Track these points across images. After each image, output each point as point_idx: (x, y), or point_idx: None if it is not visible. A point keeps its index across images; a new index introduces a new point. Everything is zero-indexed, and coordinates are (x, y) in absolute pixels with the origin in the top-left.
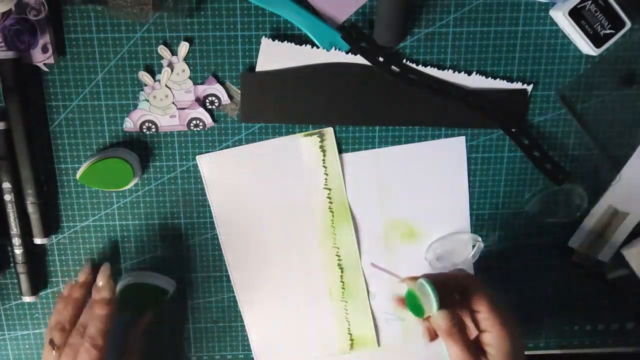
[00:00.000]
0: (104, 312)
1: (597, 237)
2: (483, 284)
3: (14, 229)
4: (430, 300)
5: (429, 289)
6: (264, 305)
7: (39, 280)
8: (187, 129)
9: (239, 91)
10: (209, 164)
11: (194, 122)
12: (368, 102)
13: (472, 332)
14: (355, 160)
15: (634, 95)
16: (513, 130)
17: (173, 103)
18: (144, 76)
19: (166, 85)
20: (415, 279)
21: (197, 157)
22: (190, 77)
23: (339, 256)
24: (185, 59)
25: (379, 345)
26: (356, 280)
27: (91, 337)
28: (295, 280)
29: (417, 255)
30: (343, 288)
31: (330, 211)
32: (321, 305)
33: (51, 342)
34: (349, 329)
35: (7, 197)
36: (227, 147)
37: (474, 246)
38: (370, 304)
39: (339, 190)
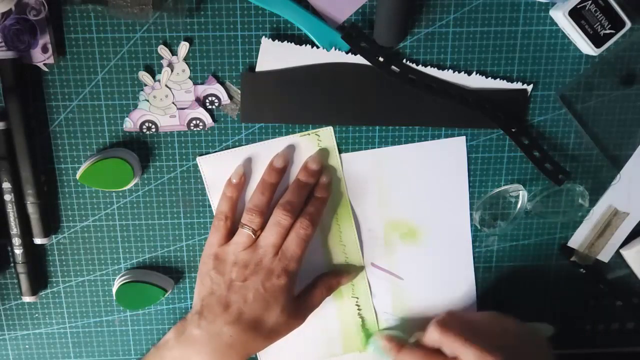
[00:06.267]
0: (325, 195)
1: (597, 237)
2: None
3: (14, 229)
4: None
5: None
6: None
7: (39, 280)
8: (187, 129)
9: (239, 91)
10: (209, 165)
11: (194, 122)
12: (368, 102)
13: None
14: (355, 160)
15: (634, 95)
16: (513, 130)
17: (173, 103)
18: (144, 76)
19: (166, 85)
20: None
21: (197, 158)
22: (190, 77)
23: (345, 254)
24: (185, 59)
25: None
26: (362, 277)
27: (310, 214)
28: (299, 278)
29: (417, 255)
30: (352, 284)
31: (333, 210)
32: (328, 303)
33: (244, 226)
34: (362, 325)
35: (7, 197)
36: (227, 147)
37: (517, 197)
38: (373, 302)
39: (339, 190)
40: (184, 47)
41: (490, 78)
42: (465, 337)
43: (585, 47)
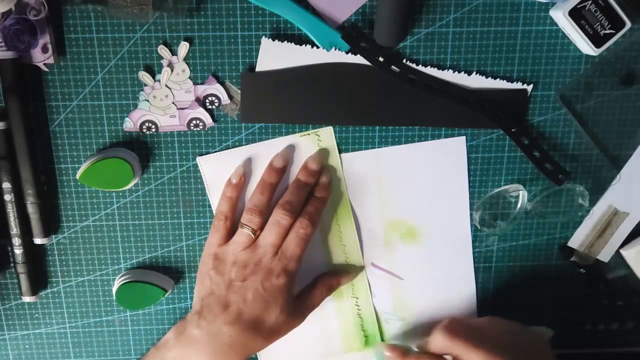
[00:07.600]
0: (325, 195)
1: (597, 237)
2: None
3: (14, 229)
4: None
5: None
6: None
7: (39, 280)
8: (187, 129)
9: (239, 91)
10: (209, 165)
11: (194, 122)
12: (368, 102)
13: None
14: (355, 160)
15: (634, 95)
16: (513, 130)
17: (173, 103)
18: (144, 76)
19: (166, 85)
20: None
21: (197, 158)
22: (190, 77)
23: (345, 254)
24: (185, 59)
25: None
26: (362, 277)
27: (310, 214)
28: (299, 278)
29: (417, 255)
30: (352, 284)
31: (333, 210)
32: (328, 303)
33: (243, 226)
34: (362, 325)
35: (7, 197)
36: (227, 147)
37: (517, 197)
38: (373, 302)
39: (339, 190)
40: (184, 47)
41: (490, 78)
42: (471, 341)
43: (585, 47)
